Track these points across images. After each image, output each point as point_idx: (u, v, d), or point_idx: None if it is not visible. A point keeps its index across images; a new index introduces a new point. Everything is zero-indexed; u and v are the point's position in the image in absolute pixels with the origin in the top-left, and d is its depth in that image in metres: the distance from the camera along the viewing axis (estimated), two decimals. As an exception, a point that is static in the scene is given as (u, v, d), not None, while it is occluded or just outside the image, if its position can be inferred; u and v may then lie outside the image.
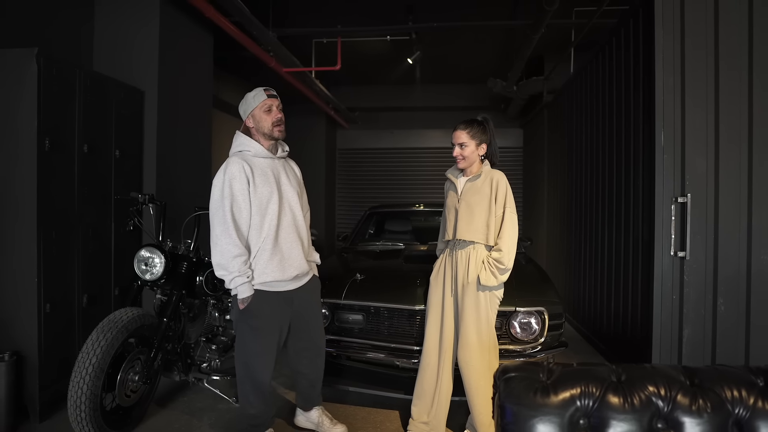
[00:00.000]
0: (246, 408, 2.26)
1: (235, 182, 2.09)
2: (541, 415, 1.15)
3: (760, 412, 1.12)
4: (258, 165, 2.17)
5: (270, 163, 2.22)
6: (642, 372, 1.21)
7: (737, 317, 2.48)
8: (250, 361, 2.20)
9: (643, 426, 1.14)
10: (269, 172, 2.19)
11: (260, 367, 2.20)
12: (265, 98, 2.19)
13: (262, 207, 2.13)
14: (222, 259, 2.06)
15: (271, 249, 2.14)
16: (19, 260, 2.57)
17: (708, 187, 2.48)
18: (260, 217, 2.13)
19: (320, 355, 2.47)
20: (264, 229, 2.13)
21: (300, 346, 2.39)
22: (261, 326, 2.17)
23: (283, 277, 2.17)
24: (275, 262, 2.14)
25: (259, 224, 2.13)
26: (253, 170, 2.13)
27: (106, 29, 3.66)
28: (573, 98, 4.89)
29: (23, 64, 2.54)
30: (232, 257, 2.06)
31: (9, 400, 2.46)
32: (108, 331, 2.27)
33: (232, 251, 2.06)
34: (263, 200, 2.13)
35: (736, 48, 2.44)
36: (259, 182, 2.13)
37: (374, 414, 2.81)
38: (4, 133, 2.59)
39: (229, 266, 2.06)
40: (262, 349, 2.19)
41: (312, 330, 2.40)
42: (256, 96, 2.21)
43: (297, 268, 2.22)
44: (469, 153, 2.35)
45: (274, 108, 2.20)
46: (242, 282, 2.07)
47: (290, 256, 2.19)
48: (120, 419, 2.45)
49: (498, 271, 2.26)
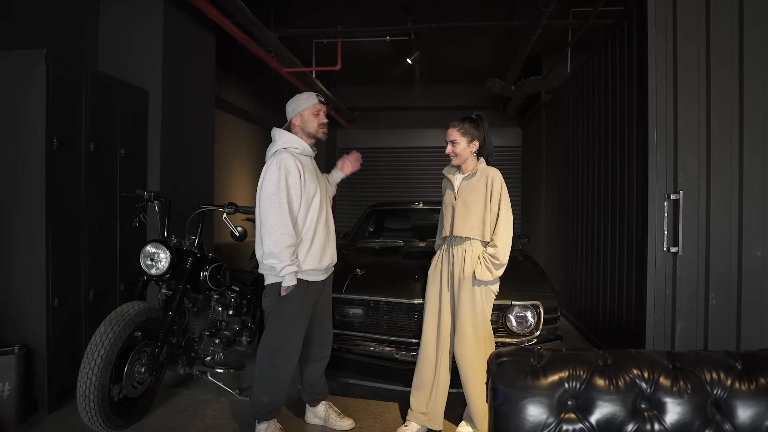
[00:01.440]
0: (259, 395, 2.35)
1: (290, 176, 2.22)
2: (531, 396, 1.22)
3: (737, 393, 1.19)
4: (304, 162, 2.32)
5: (311, 161, 2.40)
6: (627, 356, 1.28)
7: (728, 311, 2.54)
8: (279, 347, 2.30)
9: (627, 406, 1.20)
10: (312, 168, 2.36)
11: (287, 354, 2.31)
12: (316, 102, 2.39)
13: (309, 201, 2.29)
14: (276, 248, 2.17)
15: (311, 240, 2.29)
16: (28, 256, 2.64)
17: (700, 185, 2.54)
18: (306, 210, 2.28)
19: (329, 346, 2.58)
20: (307, 222, 2.28)
21: (317, 335, 2.50)
22: (296, 313, 2.30)
23: (319, 267, 2.32)
24: (314, 253, 2.29)
25: (303, 217, 2.28)
26: (303, 166, 2.28)
27: (110, 30, 3.73)
28: (570, 98, 4.95)
29: (32, 65, 2.61)
30: (286, 247, 2.18)
31: (19, 392, 2.53)
32: (116, 324, 2.34)
33: (286, 241, 2.18)
34: (310, 194, 2.29)
35: (728, 49, 2.50)
36: (307, 177, 2.29)
37: (374, 405, 2.88)
38: (14, 132, 2.65)
39: (282, 255, 2.17)
40: (291, 337, 2.31)
41: (327, 321, 2.54)
42: (308, 98, 2.40)
43: (330, 257, 2.39)
44: (461, 150, 2.42)
45: (321, 113, 2.40)
46: (292, 271, 2.20)
47: (326, 247, 2.36)
48: (127, 410, 2.51)
49: (493, 266, 2.33)
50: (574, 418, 1.21)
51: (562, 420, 1.20)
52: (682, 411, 1.19)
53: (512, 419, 1.21)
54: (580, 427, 1.20)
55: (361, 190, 9.31)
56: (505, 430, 1.22)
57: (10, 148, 2.66)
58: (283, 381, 2.34)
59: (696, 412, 1.18)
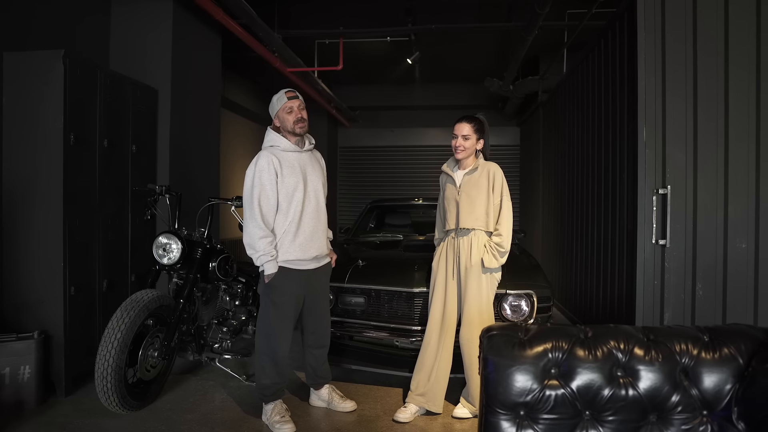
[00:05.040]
0: (261, 378, 2.50)
1: (263, 174, 2.40)
2: (518, 365, 1.35)
3: (702, 361, 1.32)
4: (286, 158, 2.46)
5: (297, 156, 2.51)
6: (605, 330, 1.41)
7: (714, 301, 2.64)
8: (270, 332, 2.46)
9: (605, 374, 1.33)
10: (296, 164, 2.48)
11: (279, 338, 2.46)
12: (286, 101, 2.49)
13: (289, 195, 2.43)
14: (250, 239, 2.39)
15: (295, 231, 2.44)
16: (47, 246, 2.78)
17: (687, 179, 2.64)
18: (287, 203, 2.43)
19: (327, 335, 2.70)
20: (290, 215, 2.43)
21: (311, 323, 2.62)
22: (282, 300, 2.45)
23: (304, 257, 2.46)
24: (298, 243, 2.44)
25: (285, 210, 2.43)
26: (282, 163, 2.44)
27: (121, 31, 3.87)
28: (566, 97, 5.08)
29: (50, 65, 2.74)
30: (258, 238, 2.37)
31: (38, 375, 2.66)
32: (131, 310, 2.47)
33: (257, 233, 2.38)
34: (290, 189, 2.43)
35: (714, 50, 2.61)
36: (286, 173, 2.43)
37: (375, 390, 3.01)
38: (33, 129, 2.79)
39: (256, 246, 2.38)
40: (281, 321, 2.46)
41: (323, 308, 2.66)
42: (278, 99, 2.52)
43: (317, 249, 2.51)
44: (470, 145, 2.59)
45: (294, 108, 2.48)
46: (267, 260, 2.38)
47: (312, 238, 2.48)
48: (141, 392, 2.65)
49: (499, 254, 2.52)
50: (557, 384, 1.34)
51: (546, 386, 1.34)
52: (653, 378, 1.32)
53: (501, 385, 1.34)
54: (561, 392, 1.33)
55: (362, 188, 9.45)
56: (495, 395, 1.35)
57: (30, 144, 2.80)
58: (279, 364, 2.49)
59: (666, 379, 1.31)
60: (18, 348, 2.60)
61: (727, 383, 1.29)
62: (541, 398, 1.33)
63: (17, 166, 2.82)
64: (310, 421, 2.61)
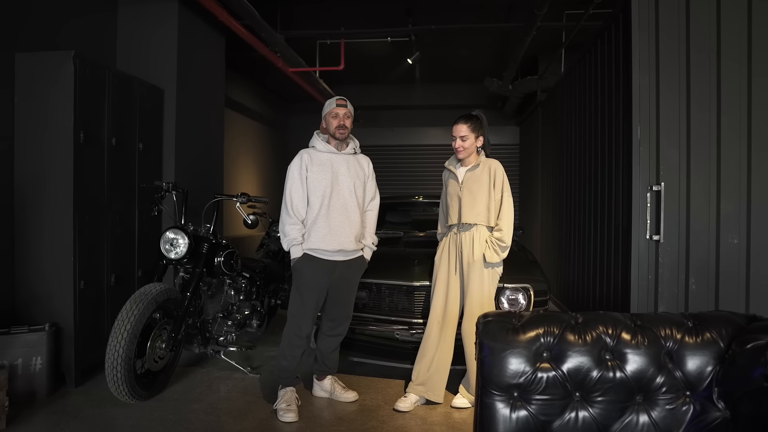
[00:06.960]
0: (280, 359, 2.64)
1: (294, 169, 2.66)
2: (511, 348, 1.42)
3: (686, 345, 1.40)
4: (318, 157, 2.67)
5: (330, 157, 2.68)
6: (595, 316, 1.49)
7: (707, 295, 2.70)
8: (295, 313, 2.62)
9: (594, 357, 1.41)
10: (327, 163, 2.66)
11: (301, 321, 2.60)
12: (334, 107, 2.68)
13: (314, 190, 2.63)
14: (282, 225, 2.64)
15: (321, 223, 2.60)
16: (57, 241, 2.86)
17: (680, 177, 2.71)
18: (313, 197, 2.63)
19: (343, 325, 2.80)
20: (314, 207, 2.61)
21: (332, 311, 2.73)
22: (305, 284, 2.60)
23: (327, 248, 2.59)
24: (322, 234, 2.59)
25: (312, 203, 2.64)
26: (312, 160, 2.65)
27: (128, 31, 3.95)
28: (564, 97, 5.15)
29: (61, 66, 2.82)
30: (288, 225, 2.61)
31: (49, 366, 2.74)
32: (140, 302, 2.55)
33: (287, 220, 2.62)
34: (315, 184, 2.62)
35: (706, 50, 2.67)
36: (315, 170, 2.63)
37: (376, 382, 3.09)
38: (44, 127, 2.87)
39: (285, 230, 2.62)
40: (303, 306, 2.61)
41: (345, 299, 2.75)
42: (329, 104, 2.72)
43: (341, 243, 2.62)
44: (469, 144, 2.67)
45: (340, 114, 2.67)
46: (293, 244, 2.59)
47: (337, 232, 2.61)
48: (149, 382, 2.73)
49: (500, 248, 2.60)
50: (548, 367, 1.41)
51: (538, 369, 1.41)
52: (639, 360, 1.39)
53: (495, 368, 1.42)
54: (553, 374, 1.41)
55: (363, 187, 9.50)
56: (490, 377, 1.42)
57: (40, 142, 2.88)
58: (298, 346, 2.61)
59: (651, 362, 1.39)
60: (30, 340, 2.69)
61: (709, 365, 1.36)
62: (534, 380, 1.40)
63: (28, 164, 2.90)
64: (312, 410, 2.69)
